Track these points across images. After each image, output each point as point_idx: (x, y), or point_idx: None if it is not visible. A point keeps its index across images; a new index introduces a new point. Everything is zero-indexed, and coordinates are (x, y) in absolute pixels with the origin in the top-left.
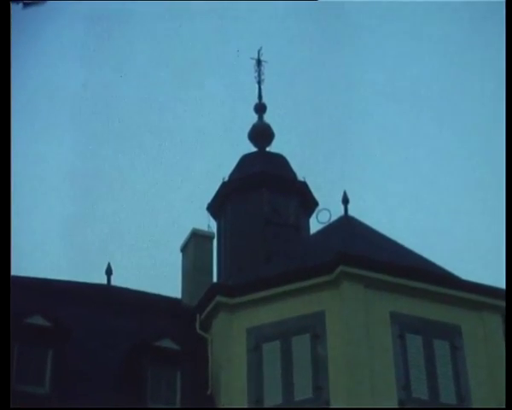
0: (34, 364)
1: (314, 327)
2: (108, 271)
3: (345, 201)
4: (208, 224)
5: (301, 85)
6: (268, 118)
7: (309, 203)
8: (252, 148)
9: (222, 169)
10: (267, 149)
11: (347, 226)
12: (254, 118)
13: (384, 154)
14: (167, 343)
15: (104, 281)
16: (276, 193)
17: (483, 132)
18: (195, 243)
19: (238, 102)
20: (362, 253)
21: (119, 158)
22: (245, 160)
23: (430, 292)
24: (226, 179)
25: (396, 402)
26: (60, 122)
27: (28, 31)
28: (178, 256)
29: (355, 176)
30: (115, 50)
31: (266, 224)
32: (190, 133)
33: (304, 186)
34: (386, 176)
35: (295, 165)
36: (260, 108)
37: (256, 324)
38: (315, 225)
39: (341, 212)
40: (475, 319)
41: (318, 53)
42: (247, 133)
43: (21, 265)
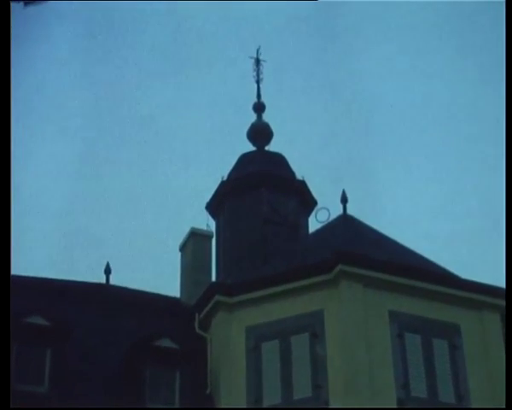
0: (33, 363)
1: (313, 326)
2: (107, 270)
3: (343, 200)
4: (207, 223)
5: (300, 85)
6: (267, 117)
7: (308, 202)
8: (250, 147)
9: (221, 168)
10: (266, 149)
11: (346, 225)
12: (253, 117)
13: (383, 153)
14: (166, 343)
15: (103, 280)
16: (275, 192)
17: (483, 133)
18: (194, 242)
19: (237, 102)
20: (361, 252)
21: (118, 157)
22: (244, 159)
23: (429, 291)
24: (225, 178)
25: (395, 401)
26: (59, 122)
27: (29, 30)
28: (177, 255)
29: (354, 175)
30: (115, 50)
31: (265, 223)
32: (189, 132)
33: (303, 185)
34: (385, 175)
35: (294, 164)
36: (259, 108)
37: (255, 323)
38: (314, 224)
39: (340, 211)
40: (475, 319)
41: (317, 52)
42: (246, 132)
43: (21, 265)
